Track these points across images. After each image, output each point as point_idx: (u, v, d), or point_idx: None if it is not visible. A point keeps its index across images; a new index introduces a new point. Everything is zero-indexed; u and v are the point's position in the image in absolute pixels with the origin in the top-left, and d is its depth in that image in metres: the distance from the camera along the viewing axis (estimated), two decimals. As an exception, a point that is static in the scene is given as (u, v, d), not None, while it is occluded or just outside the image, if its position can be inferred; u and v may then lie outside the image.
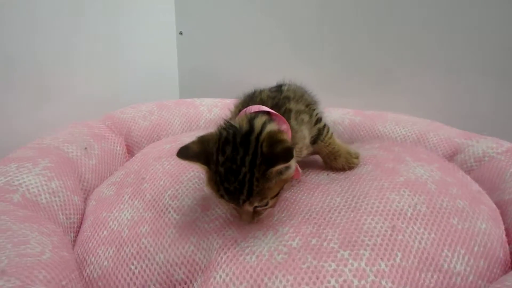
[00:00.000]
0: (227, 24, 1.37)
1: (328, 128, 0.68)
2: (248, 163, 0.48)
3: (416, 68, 1.12)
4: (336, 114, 1.00)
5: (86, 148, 0.86)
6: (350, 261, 0.45)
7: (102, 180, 0.82)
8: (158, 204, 0.62)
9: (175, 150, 0.55)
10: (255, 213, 0.52)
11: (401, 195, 0.56)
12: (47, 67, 1.07)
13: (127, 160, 0.92)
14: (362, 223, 0.51)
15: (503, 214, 0.64)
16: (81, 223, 0.69)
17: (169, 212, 0.60)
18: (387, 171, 0.63)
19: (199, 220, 0.58)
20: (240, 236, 0.53)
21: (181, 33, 1.49)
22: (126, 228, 0.59)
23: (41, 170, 0.67)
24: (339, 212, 0.54)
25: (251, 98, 0.64)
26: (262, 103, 0.60)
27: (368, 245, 0.48)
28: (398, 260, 0.46)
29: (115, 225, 0.61)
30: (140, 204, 0.63)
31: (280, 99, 0.62)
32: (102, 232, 0.60)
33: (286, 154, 0.46)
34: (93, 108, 1.12)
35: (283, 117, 0.56)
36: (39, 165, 0.68)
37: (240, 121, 0.53)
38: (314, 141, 0.66)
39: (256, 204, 0.50)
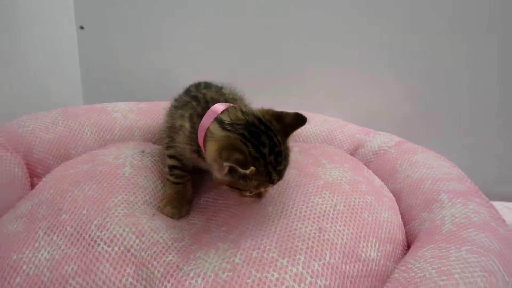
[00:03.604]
0: (136, 16, 1.26)
1: None
2: (282, 141, 0.55)
3: (325, 69, 1.24)
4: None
5: (-28, 177, 0.72)
6: (289, 267, 0.50)
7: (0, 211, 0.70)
8: (84, 237, 0.57)
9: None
10: None
11: (323, 198, 0.64)
12: None
13: (30, 183, 0.81)
14: (294, 228, 0.57)
15: (397, 201, 0.78)
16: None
17: (99, 244, 0.55)
18: (308, 175, 0.70)
19: (134, 248, 0.55)
20: (182, 260, 0.53)
21: (81, 27, 1.32)
22: (46, 270, 0.53)
23: None
24: (273, 221, 0.59)
25: (196, 98, 0.65)
26: (214, 100, 0.62)
27: (302, 249, 0.53)
28: (327, 258, 0.53)
29: (30, 268, 0.54)
30: (60, 239, 0.57)
31: (228, 99, 0.65)
32: (15, 280, 0.53)
33: (303, 118, 0.58)
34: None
35: None
36: None
37: (235, 116, 0.56)
38: None
39: None
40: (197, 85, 0.79)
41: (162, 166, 0.75)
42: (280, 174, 0.55)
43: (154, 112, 1.06)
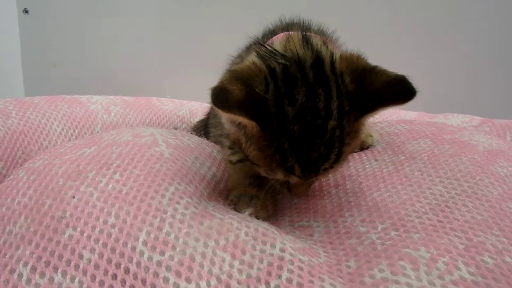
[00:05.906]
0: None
1: None
2: (337, 112, 0.32)
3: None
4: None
5: None
6: None
7: None
8: (129, 269, 0.27)
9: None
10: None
11: (504, 167, 0.41)
12: None
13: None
14: (504, 210, 0.33)
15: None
16: None
17: (167, 279, 0.26)
18: (455, 142, 0.47)
19: (237, 279, 0.27)
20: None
21: (25, 11, 1.14)
22: None
23: None
24: (464, 205, 0.34)
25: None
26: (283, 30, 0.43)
27: None
28: None
29: None
30: (74, 280, 0.27)
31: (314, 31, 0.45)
32: None
33: (406, 89, 0.31)
34: None
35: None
36: None
37: (290, 45, 0.35)
38: None
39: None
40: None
41: (218, 154, 0.48)
42: (309, 166, 0.33)
43: (144, 106, 0.79)
